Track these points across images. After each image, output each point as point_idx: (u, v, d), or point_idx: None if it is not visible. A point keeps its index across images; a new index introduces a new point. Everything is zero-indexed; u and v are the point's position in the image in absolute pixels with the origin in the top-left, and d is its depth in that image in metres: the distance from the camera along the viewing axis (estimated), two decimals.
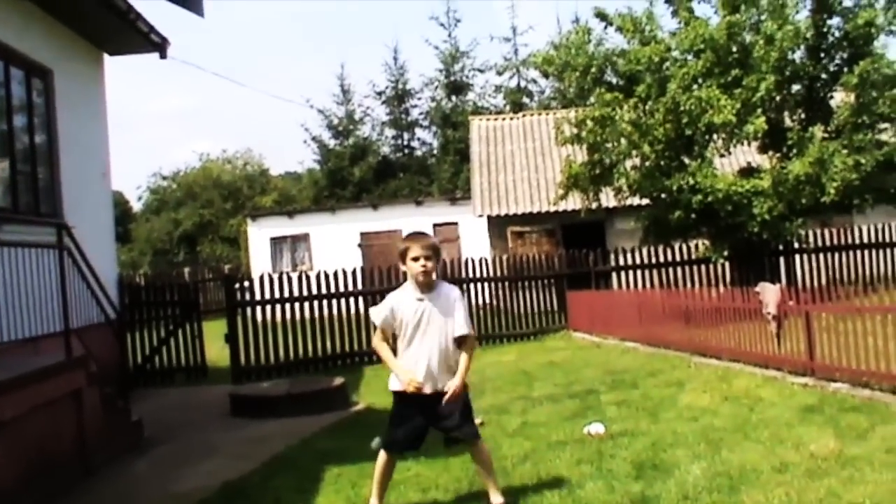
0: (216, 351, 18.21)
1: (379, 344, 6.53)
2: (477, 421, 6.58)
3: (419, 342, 6.35)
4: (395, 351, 6.43)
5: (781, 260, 20.70)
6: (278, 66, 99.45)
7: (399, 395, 6.42)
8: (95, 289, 11.65)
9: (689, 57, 18.90)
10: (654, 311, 15.70)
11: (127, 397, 11.80)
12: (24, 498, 7.50)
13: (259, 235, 35.27)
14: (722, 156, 19.23)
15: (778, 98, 19.02)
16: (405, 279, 6.54)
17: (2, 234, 9.89)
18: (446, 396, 6.26)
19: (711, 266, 20.13)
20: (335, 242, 33.22)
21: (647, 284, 20.48)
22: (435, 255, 6.38)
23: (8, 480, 7.29)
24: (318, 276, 18.20)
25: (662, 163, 18.97)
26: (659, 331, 15.28)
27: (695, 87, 18.36)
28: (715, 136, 18.81)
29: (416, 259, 6.32)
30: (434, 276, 6.43)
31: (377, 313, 6.47)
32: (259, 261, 34.49)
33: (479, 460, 6.51)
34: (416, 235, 6.57)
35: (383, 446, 6.57)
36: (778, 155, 19.18)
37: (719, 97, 17.67)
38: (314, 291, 18.06)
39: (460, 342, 6.40)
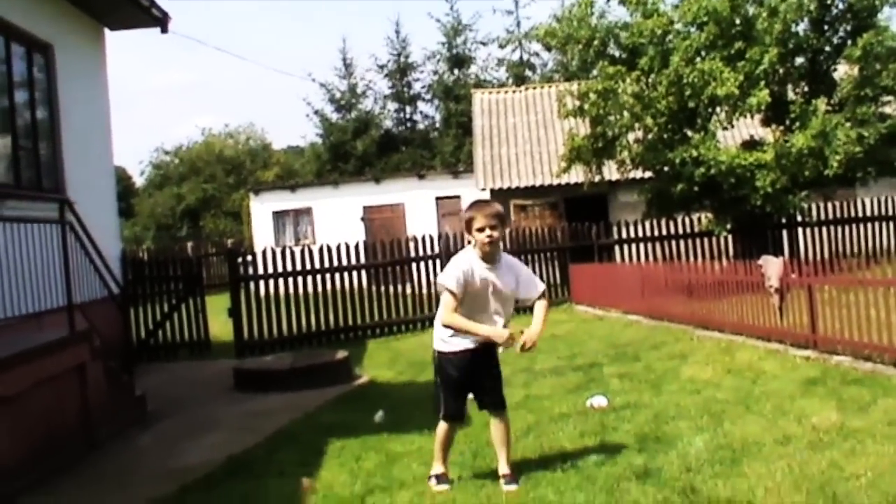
0: (219, 325, 18.23)
1: (454, 316, 6.29)
2: (469, 396, 6.57)
3: (484, 313, 6.32)
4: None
5: (784, 233, 20.70)
6: (280, 39, 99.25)
7: (452, 361, 6.37)
8: (98, 264, 11.67)
9: (692, 29, 18.83)
10: (657, 285, 15.73)
11: (131, 372, 11.83)
12: (29, 472, 7.54)
13: (262, 210, 35.26)
14: (725, 128, 19.16)
15: (781, 71, 18.94)
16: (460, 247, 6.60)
17: (4, 209, 9.90)
18: (525, 340, 6.30)
19: (714, 239, 20.14)
20: (338, 216, 33.19)
21: (650, 257, 20.51)
22: (500, 224, 6.29)
23: (13, 455, 7.32)
24: (320, 250, 18.20)
25: (665, 135, 18.94)
26: (662, 304, 15.31)
27: (698, 59, 18.30)
28: (718, 109, 18.76)
29: (481, 229, 6.22)
30: (499, 245, 6.38)
31: (452, 280, 6.25)
32: (262, 235, 34.50)
33: (500, 430, 6.50)
34: (481, 204, 6.47)
35: (443, 418, 6.52)
36: (781, 128, 19.14)
37: (722, 70, 17.61)
38: (317, 265, 18.06)
39: (540, 298, 6.54)
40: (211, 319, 17.71)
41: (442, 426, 6.53)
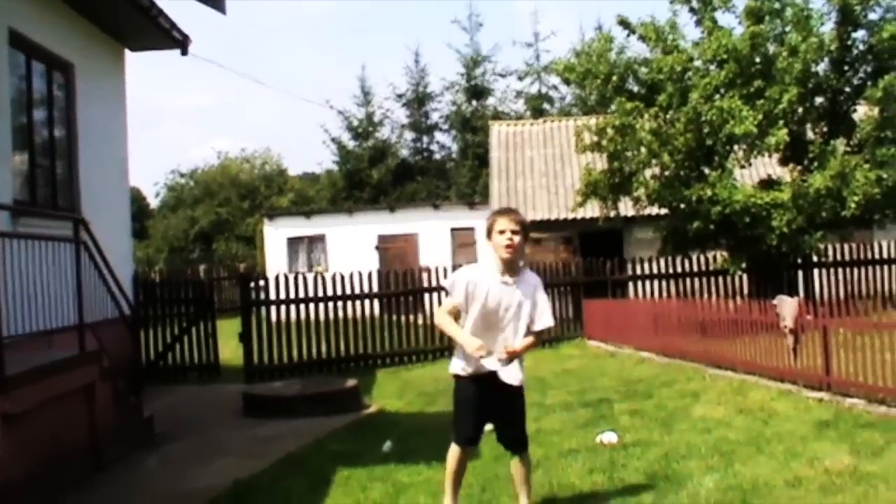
0: (230, 350, 18.26)
1: (444, 317, 6.25)
2: (487, 428, 6.45)
3: (496, 329, 6.14)
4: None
5: (800, 273, 20.61)
6: (299, 66, 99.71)
7: (463, 383, 6.28)
8: (111, 284, 11.67)
9: (712, 67, 18.85)
10: (671, 322, 15.68)
11: (139, 393, 11.81)
12: (35, 491, 7.53)
13: (275, 235, 35.34)
14: (742, 167, 19.13)
15: (800, 110, 18.91)
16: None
17: (19, 226, 9.93)
18: (505, 351, 6.09)
19: (729, 278, 20.04)
20: (352, 244, 33.24)
21: (664, 294, 20.42)
22: (523, 232, 6.14)
23: (19, 473, 7.31)
24: (333, 278, 18.23)
25: (682, 173, 18.92)
26: (675, 341, 15.26)
27: (717, 97, 18.31)
28: (736, 147, 18.74)
29: (502, 232, 6.09)
30: (520, 256, 6.24)
31: (456, 286, 6.19)
32: (275, 260, 34.54)
33: (521, 470, 6.41)
34: (505, 210, 6.38)
35: (454, 440, 6.35)
36: (799, 168, 19.11)
37: (741, 108, 17.61)
38: (329, 293, 18.08)
39: (539, 331, 6.29)
40: (221, 343, 17.72)
41: (453, 451, 6.34)
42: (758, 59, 18.38)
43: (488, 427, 6.41)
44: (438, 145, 50.12)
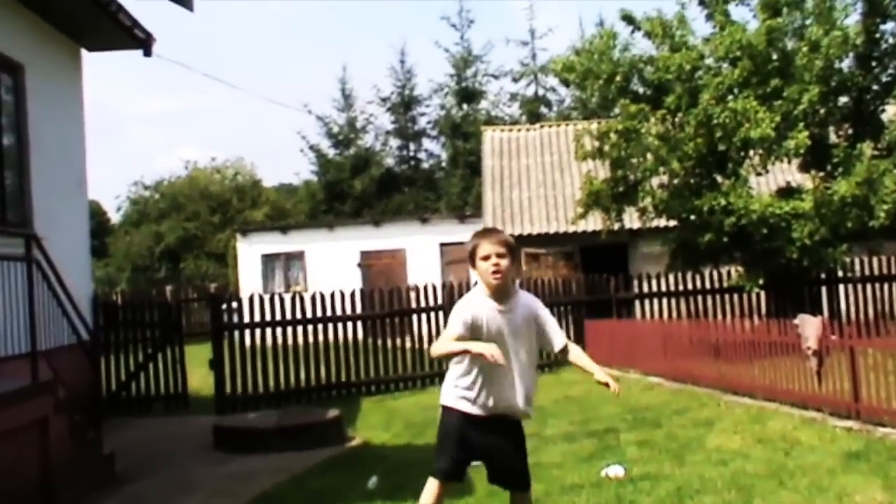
0: (199, 378, 18.17)
1: (443, 342, 5.92)
2: (475, 463, 6.27)
3: (507, 373, 5.88)
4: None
5: (823, 290, 20.60)
6: (274, 67, 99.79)
7: (456, 416, 6.04)
8: (67, 307, 11.58)
9: (724, 65, 18.88)
10: (681, 344, 15.70)
11: (99, 427, 11.70)
12: None
13: (249, 252, 35.22)
14: (759, 174, 19.15)
15: (822, 111, 18.89)
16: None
17: None
18: (614, 387, 6.00)
19: (745, 295, 20.03)
20: (332, 261, 33.14)
21: (674, 314, 20.43)
22: (510, 254, 5.92)
23: None
24: (313, 298, 18.12)
25: (692, 181, 18.93)
26: (686, 365, 15.26)
27: (730, 98, 18.33)
28: (751, 153, 18.73)
29: (486, 258, 5.89)
30: (510, 280, 6.03)
31: (459, 322, 5.87)
32: (249, 280, 34.41)
33: None
34: (487, 231, 6.16)
35: (433, 473, 6.11)
36: (821, 174, 19.07)
37: (757, 109, 17.60)
38: (309, 315, 17.97)
39: (563, 352, 6.13)
40: (190, 371, 17.62)
41: (430, 485, 6.09)
42: (775, 56, 18.41)
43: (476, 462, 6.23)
44: (426, 153, 50.26)
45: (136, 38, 15.13)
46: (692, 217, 18.75)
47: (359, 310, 18.61)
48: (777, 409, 11.86)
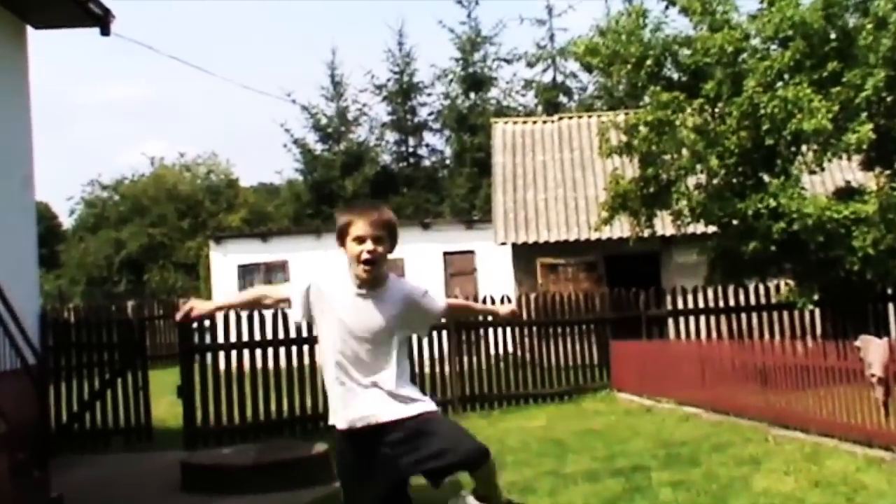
0: (165, 407, 18.20)
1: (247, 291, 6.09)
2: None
3: (362, 363, 5.59)
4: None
5: (890, 307, 20.51)
6: (253, 50, 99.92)
7: (344, 442, 5.69)
8: (10, 325, 11.53)
9: (773, 46, 18.85)
10: (722, 369, 15.68)
11: (46, 466, 11.64)
12: None
13: (224, 262, 35.20)
14: (813, 172, 19.11)
15: (889, 99, 18.73)
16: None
17: None
18: (506, 311, 5.97)
19: (796, 313, 19.99)
20: (321, 273, 33.09)
21: (713, 334, 20.33)
22: (389, 238, 5.69)
23: None
24: None
25: (735, 180, 18.87)
26: (728, 393, 15.22)
27: (779, 84, 18.26)
28: (804, 148, 18.71)
29: (359, 240, 5.61)
30: (383, 270, 5.71)
31: (296, 285, 5.91)
32: (223, 293, 34.35)
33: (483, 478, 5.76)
34: (364, 208, 5.85)
35: None
36: (888, 172, 19.02)
37: (811, 98, 17.47)
38: (292, 334, 17.91)
39: (448, 313, 6.13)
40: (154, 399, 17.62)
41: None
42: (833, 35, 18.34)
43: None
44: (428, 149, 50.27)
45: (92, 14, 15.04)
46: (734, 222, 18.70)
47: None
48: (836, 447, 11.80)
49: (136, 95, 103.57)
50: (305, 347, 17.86)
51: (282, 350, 17.82)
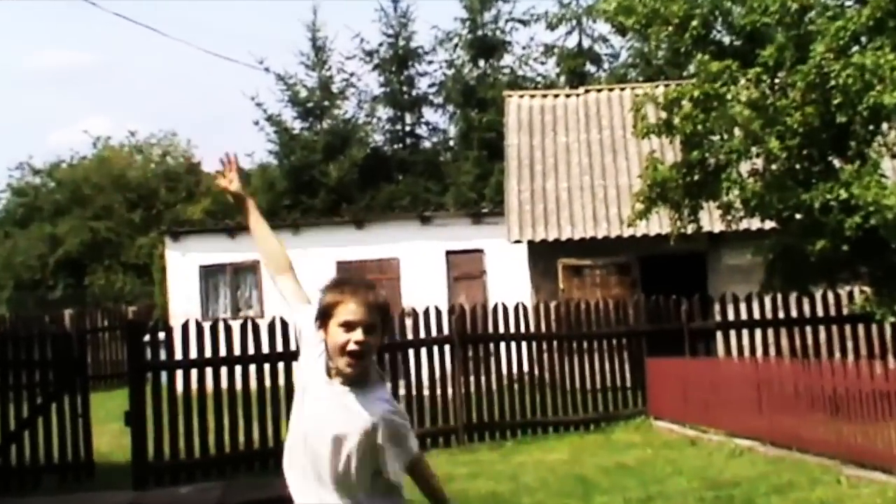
0: (110, 438, 18.21)
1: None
2: None
3: (314, 474, 5.61)
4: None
5: None
6: (219, 9, 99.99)
7: None
8: None
9: (848, 2, 18.73)
10: (783, 394, 15.70)
11: None
12: None
13: (183, 263, 35.21)
14: (895, 156, 18.99)
15: None
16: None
17: None
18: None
19: (874, 327, 19.94)
20: (299, 275, 33.05)
21: (771, 351, 20.29)
22: (382, 324, 5.58)
23: None
24: (272, 327, 18.03)
25: (799, 165, 18.79)
26: (790, 423, 15.17)
27: (855, 49, 18.16)
28: (885, 126, 18.60)
29: (348, 326, 5.47)
30: (370, 365, 5.59)
31: (308, 316, 5.88)
32: (182, 301, 34.36)
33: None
34: (355, 285, 5.74)
35: None
36: None
37: (894, 65, 17.39)
38: (265, 349, 17.92)
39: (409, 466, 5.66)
40: (97, 429, 17.61)
41: None
42: None
43: None
44: (428, 128, 50.34)
45: None
46: (798, 216, 18.62)
47: None
48: None
49: (73, 62, 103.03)
50: (280, 366, 17.81)
51: (252, 368, 17.78)
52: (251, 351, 17.82)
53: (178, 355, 17.63)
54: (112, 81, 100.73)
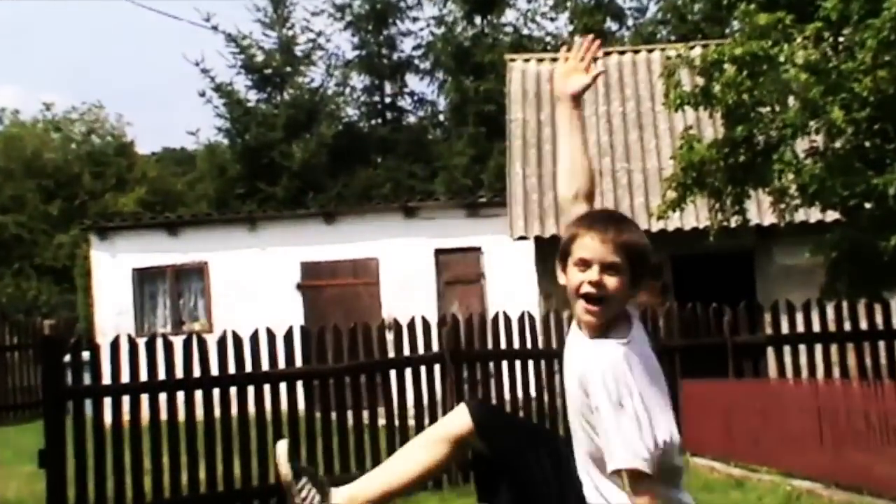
0: (21, 482, 18.16)
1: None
2: None
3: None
4: None
5: None
6: None
7: None
8: None
9: None
10: (851, 424, 15.55)
11: None
12: None
13: (112, 265, 35.14)
14: None
15: None
16: None
17: None
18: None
19: None
20: (255, 281, 33.08)
21: (835, 371, 20.23)
22: (632, 269, 5.56)
23: None
24: (222, 344, 17.93)
25: (869, 143, 18.69)
26: (860, 460, 15.07)
27: None
28: None
29: (583, 264, 5.51)
30: (613, 314, 5.62)
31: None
32: (111, 312, 34.30)
33: None
34: (602, 217, 5.88)
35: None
36: None
37: None
38: (215, 371, 17.80)
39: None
40: (4, 471, 17.52)
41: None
42: None
43: None
44: (413, 99, 50.42)
45: None
46: (867, 205, 18.52)
47: (299, 362, 18.47)
48: None
49: None
50: (233, 391, 17.73)
51: (199, 395, 17.65)
52: (197, 373, 17.71)
53: (107, 379, 17.49)
54: (19, 43, 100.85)
